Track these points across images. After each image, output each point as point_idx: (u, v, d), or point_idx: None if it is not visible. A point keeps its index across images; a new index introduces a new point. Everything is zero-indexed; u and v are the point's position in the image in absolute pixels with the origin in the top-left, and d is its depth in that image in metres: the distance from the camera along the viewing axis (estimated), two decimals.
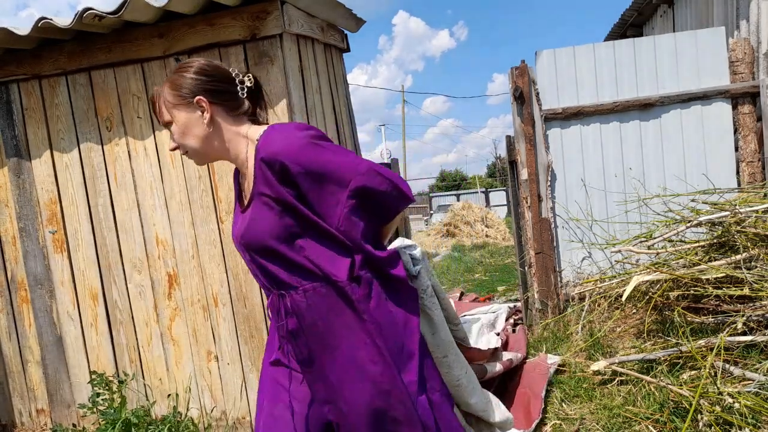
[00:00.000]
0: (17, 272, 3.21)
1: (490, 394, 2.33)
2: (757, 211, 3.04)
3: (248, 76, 1.52)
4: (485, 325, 3.63)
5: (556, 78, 4.22)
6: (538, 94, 4.19)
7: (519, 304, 4.81)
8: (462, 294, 6.30)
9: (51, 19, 2.63)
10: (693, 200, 3.67)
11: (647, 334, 3.30)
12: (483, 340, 3.34)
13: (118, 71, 2.93)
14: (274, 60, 2.69)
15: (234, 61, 2.73)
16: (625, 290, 3.03)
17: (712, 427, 2.16)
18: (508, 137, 4.50)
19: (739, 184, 4.02)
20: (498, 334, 3.51)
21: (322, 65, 3.31)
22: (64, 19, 2.66)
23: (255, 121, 1.56)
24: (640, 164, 4.19)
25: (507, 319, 4.29)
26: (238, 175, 1.60)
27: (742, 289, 2.75)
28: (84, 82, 2.99)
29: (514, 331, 4.09)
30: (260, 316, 2.93)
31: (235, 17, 2.68)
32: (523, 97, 4.18)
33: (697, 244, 3.27)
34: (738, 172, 4.06)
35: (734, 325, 2.65)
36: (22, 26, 2.72)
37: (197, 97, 1.44)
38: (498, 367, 2.85)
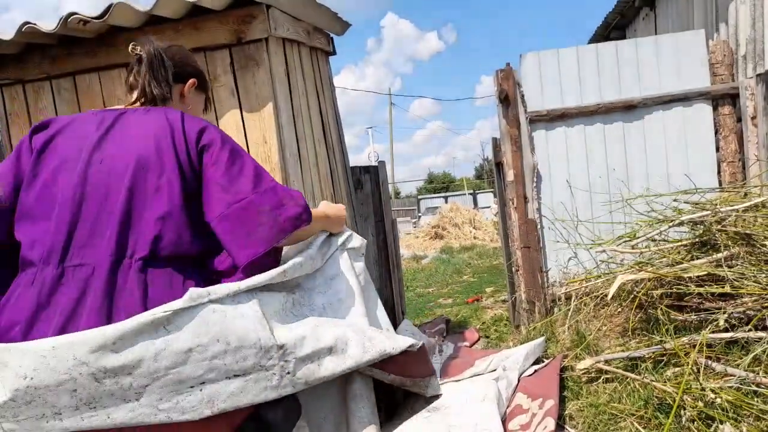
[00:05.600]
0: None
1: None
2: (737, 210, 3.10)
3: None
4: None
5: (541, 80, 4.26)
6: (523, 96, 4.23)
7: (537, 366, 3.10)
8: (448, 323, 4.92)
9: (35, 24, 2.61)
10: (675, 200, 3.72)
11: (632, 333, 3.34)
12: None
13: (103, 75, 2.91)
14: (260, 64, 2.70)
15: (220, 64, 2.74)
16: (610, 289, 3.07)
17: (695, 422, 2.19)
18: (494, 139, 4.54)
19: (720, 184, 4.09)
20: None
21: (308, 68, 3.32)
22: (48, 24, 2.64)
23: None
24: (624, 165, 4.24)
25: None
26: None
27: (723, 287, 2.80)
28: (68, 87, 2.97)
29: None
30: None
31: (221, 21, 2.68)
32: (508, 100, 4.22)
33: (679, 243, 3.32)
34: (719, 172, 4.13)
35: (716, 322, 2.70)
36: (6, 30, 2.70)
37: None
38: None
